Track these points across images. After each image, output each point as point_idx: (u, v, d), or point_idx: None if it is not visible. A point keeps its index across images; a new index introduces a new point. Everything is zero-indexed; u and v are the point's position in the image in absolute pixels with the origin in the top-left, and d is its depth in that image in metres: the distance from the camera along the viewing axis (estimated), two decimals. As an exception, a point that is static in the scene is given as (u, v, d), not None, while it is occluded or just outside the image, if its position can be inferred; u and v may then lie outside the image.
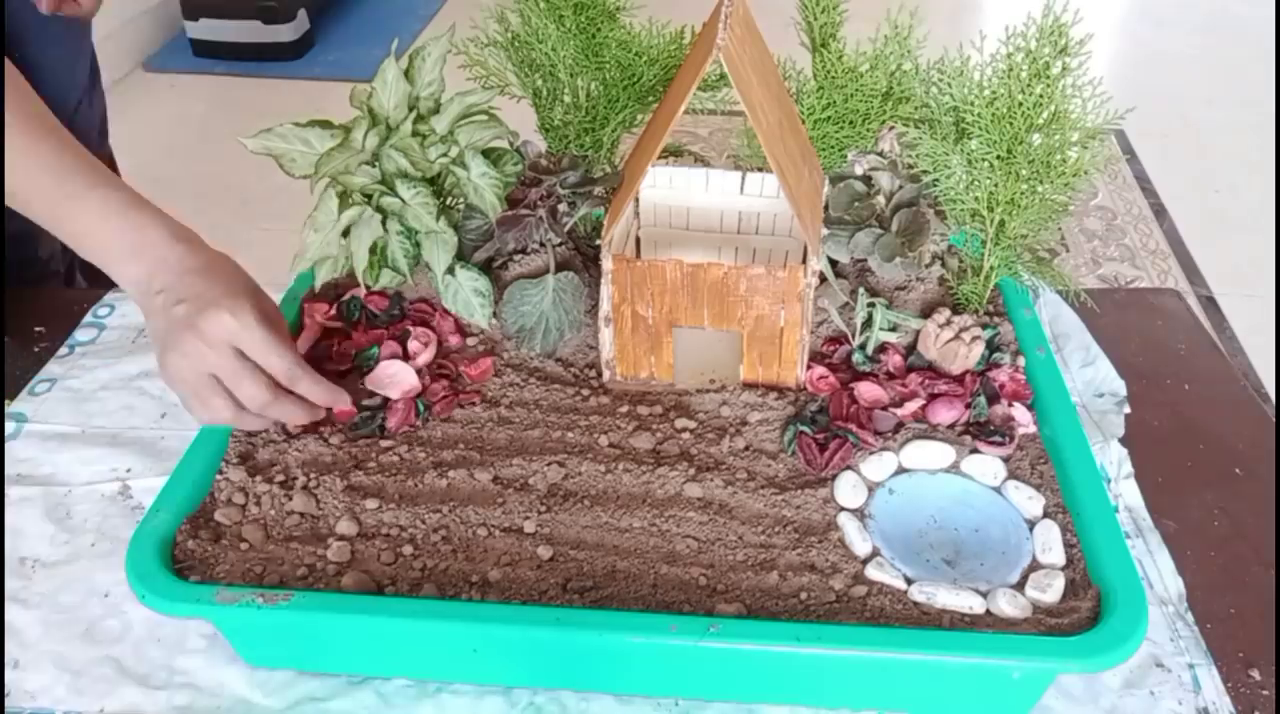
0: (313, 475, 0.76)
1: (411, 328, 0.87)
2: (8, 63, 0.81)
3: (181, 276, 0.77)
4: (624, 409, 0.82)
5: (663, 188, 0.90)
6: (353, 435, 0.79)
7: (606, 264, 0.79)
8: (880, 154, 0.89)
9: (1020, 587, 0.68)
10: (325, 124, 0.81)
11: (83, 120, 1.14)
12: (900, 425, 0.79)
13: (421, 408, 0.81)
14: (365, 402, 0.81)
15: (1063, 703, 0.71)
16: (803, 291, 0.79)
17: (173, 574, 0.69)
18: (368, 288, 0.88)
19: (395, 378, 0.82)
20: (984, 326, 0.85)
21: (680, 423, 0.80)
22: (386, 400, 0.81)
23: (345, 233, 0.83)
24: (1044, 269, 0.86)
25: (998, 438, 0.77)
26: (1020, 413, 0.79)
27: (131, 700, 0.72)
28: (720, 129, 2.95)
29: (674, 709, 0.71)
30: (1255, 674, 0.74)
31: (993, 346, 0.85)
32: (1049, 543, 0.71)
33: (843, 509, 0.73)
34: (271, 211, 2.62)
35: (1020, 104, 0.79)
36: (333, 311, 0.88)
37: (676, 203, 0.91)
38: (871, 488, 0.75)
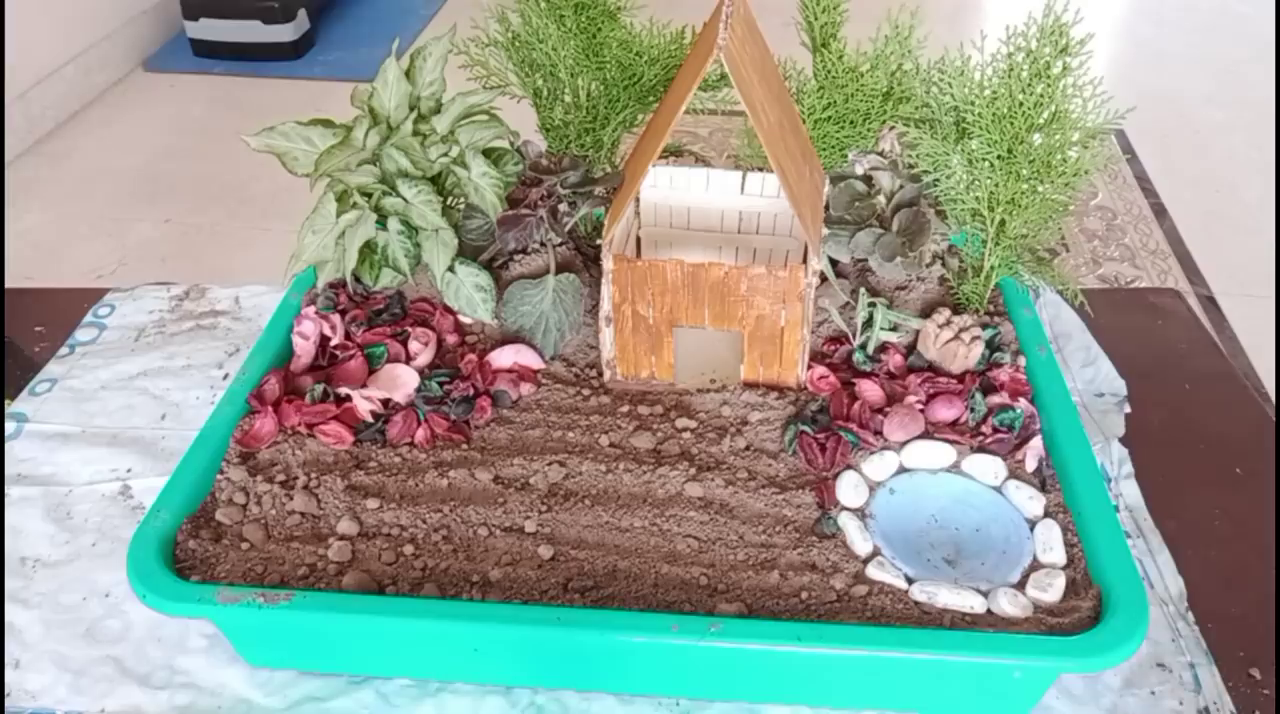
0: (313, 475, 0.76)
1: (411, 328, 0.87)
2: None
3: None
4: (624, 409, 0.82)
5: (663, 188, 0.90)
6: (356, 439, 0.79)
7: (607, 264, 0.79)
8: (881, 154, 0.89)
9: (1021, 586, 0.68)
10: (327, 123, 0.81)
11: None
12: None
13: (422, 414, 0.81)
14: (371, 407, 0.81)
15: (1064, 702, 0.71)
16: (803, 291, 0.79)
17: (174, 574, 0.69)
18: (356, 279, 0.88)
19: (399, 381, 0.82)
20: (984, 326, 0.85)
21: (681, 422, 0.80)
22: (388, 402, 0.81)
23: (342, 235, 0.83)
24: (1044, 269, 0.86)
25: (1003, 433, 0.77)
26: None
27: (132, 700, 0.72)
28: (720, 129, 2.95)
29: (675, 709, 0.71)
30: (1256, 674, 0.74)
31: (993, 346, 0.85)
32: (1050, 542, 0.71)
33: (844, 509, 0.73)
34: (271, 211, 2.62)
35: (1021, 104, 0.79)
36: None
37: (677, 203, 0.91)
38: (872, 487, 0.75)
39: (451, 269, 0.85)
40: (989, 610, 0.67)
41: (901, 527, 0.73)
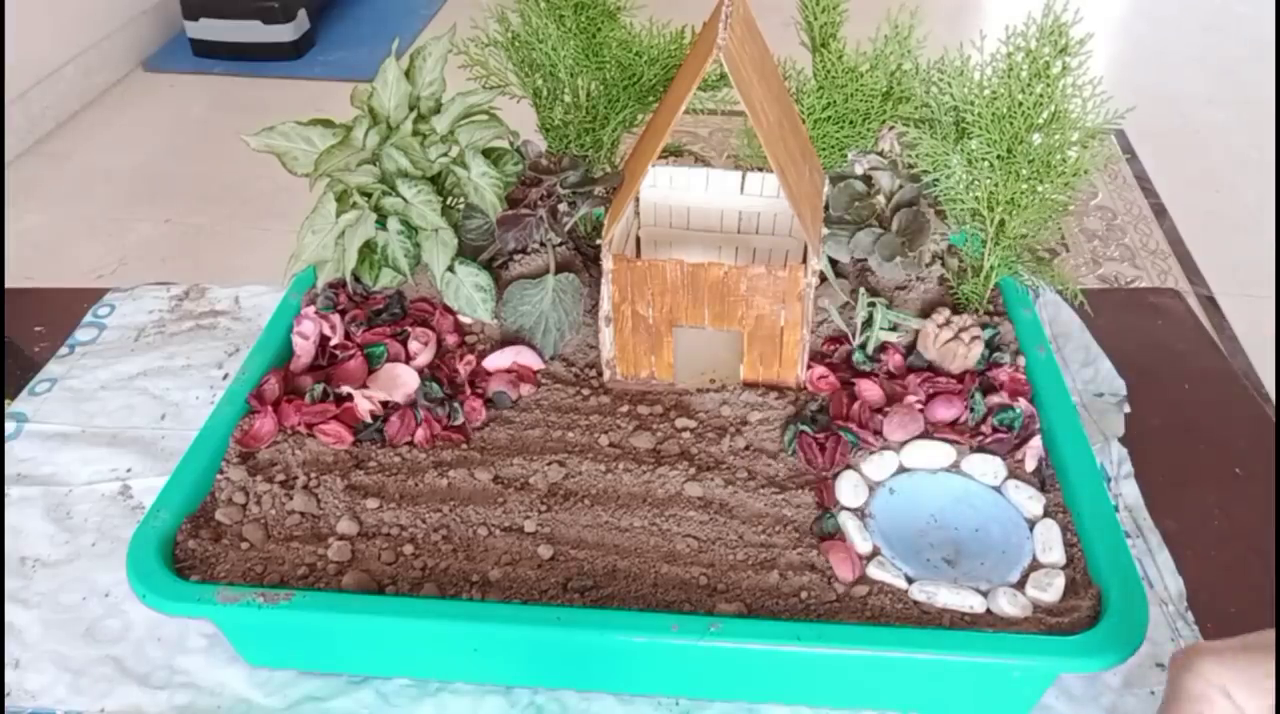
0: (313, 475, 0.76)
1: (411, 328, 0.87)
2: None
3: None
4: (624, 409, 0.82)
5: (663, 187, 0.90)
6: (356, 439, 0.79)
7: (607, 264, 0.79)
8: (880, 154, 0.89)
9: (1021, 586, 0.68)
10: (327, 123, 0.81)
11: None
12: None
13: (420, 414, 0.80)
14: (370, 408, 0.81)
15: (1063, 702, 0.71)
16: (803, 291, 0.79)
17: (173, 574, 0.69)
18: (356, 279, 0.88)
19: (399, 381, 0.82)
20: (984, 326, 0.85)
21: (680, 422, 0.80)
22: (387, 403, 0.81)
23: (342, 235, 0.83)
24: (1044, 269, 0.86)
25: (1002, 433, 0.77)
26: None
27: (132, 700, 0.72)
28: (720, 129, 2.95)
29: (675, 709, 0.71)
30: (1255, 674, 0.74)
31: (993, 346, 0.85)
32: (1049, 542, 0.71)
33: (843, 508, 0.74)
34: (271, 211, 2.62)
35: (1020, 104, 0.79)
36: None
37: (676, 202, 0.91)
38: (872, 487, 0.75)
39: (451, 269, 0.85)
40: (988, 610, 0.67)
41: (901, 526, 0.73)
